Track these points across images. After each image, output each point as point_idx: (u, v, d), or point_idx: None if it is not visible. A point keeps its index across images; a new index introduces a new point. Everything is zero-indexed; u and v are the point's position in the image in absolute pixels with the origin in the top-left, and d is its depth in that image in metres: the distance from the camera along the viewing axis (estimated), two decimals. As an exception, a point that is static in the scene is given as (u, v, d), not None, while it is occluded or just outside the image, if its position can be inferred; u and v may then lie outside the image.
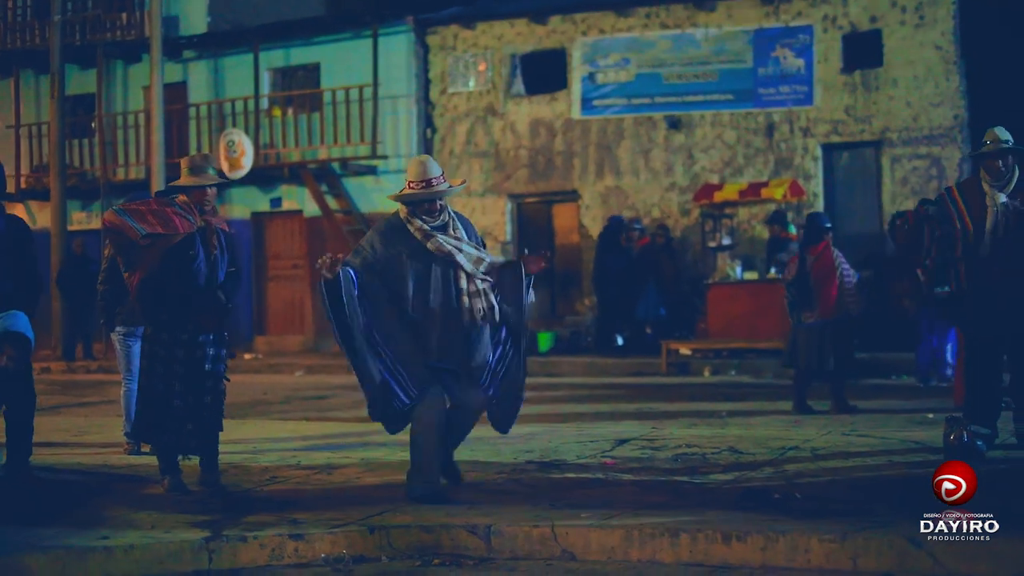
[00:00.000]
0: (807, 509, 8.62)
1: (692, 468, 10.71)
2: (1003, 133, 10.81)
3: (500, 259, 9.87)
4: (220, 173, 10.62)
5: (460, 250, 9.49)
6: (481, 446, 12.05)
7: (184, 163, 10.35)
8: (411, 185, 9.52)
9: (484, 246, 9.92)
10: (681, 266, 25.48)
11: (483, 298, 9.53)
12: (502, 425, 9.91)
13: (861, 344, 16.59)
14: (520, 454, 11.74)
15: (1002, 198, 10.62)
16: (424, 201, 9.49)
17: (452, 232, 9.57)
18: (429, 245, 9.46)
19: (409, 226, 9.55)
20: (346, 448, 12.67)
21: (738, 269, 23.75)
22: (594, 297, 26.19)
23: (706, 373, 21.55)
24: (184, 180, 10.20)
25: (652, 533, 8.21)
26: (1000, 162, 10.72)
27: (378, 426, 13.95)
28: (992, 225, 10.59)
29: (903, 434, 12.17)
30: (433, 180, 9.46)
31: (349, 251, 9.68)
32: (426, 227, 9.49)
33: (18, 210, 28.22)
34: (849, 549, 7.75)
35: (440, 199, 9.54)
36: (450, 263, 9.47)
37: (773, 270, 21.86)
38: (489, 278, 9.58)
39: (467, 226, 9.81)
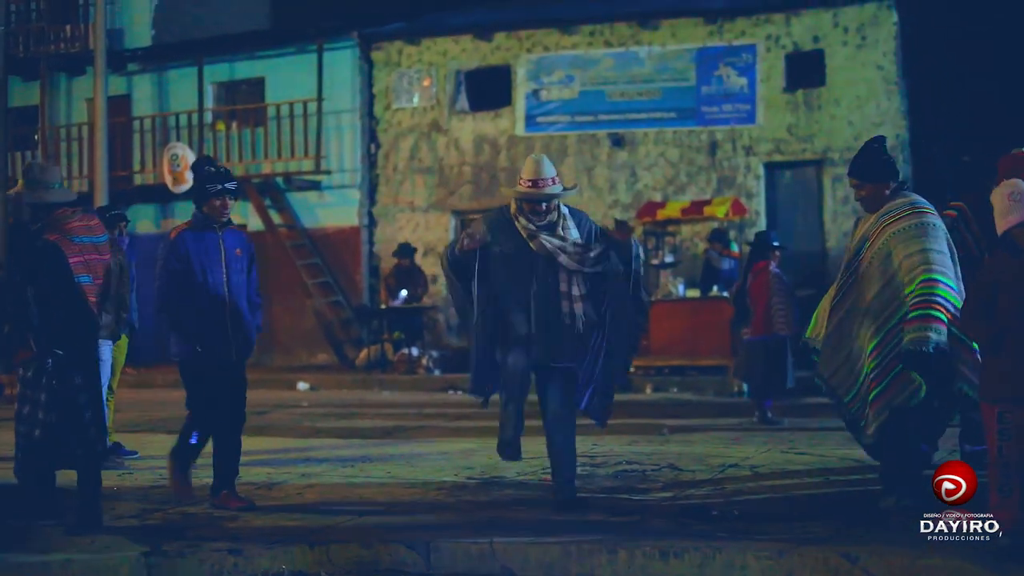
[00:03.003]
0: (745, 526, 8.69)
1: (632, 485, 10.78)
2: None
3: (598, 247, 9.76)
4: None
5: (563, 251, 9.51)
6: (421, 463, 12.08)
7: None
8: (521, 183, 9.60)
9: (600, 239, 9.80)
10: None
11: (583, 303, 9.61)
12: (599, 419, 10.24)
13: (801, 363, 16.72)
14: (460, 471, 11.77)
15: None
16: (531, 200, 9.54)
17: (560, 231, 9.58)
18: (532, 244, 9.53)
19: (516, 223, 9.62)
20: (287, 464, 12.67)
21: (680, 287, 23.79)
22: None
23: (648, 390, 21.59)
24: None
25: (591, 549, 8.26)
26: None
27: (319, 442, 14.02)
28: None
29: (842, 452, 12.25)
30: (540, 181, 9.50)
31: (295, 266, 10.00)
32: (531, 226, 9.55)
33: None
34: (785, 566, 7.83)
35: (547, 201, 9.55)
36: (552, 263, 9.53)
37: (716, 288, 21.95)
38: (598, 268, 9.64)
39: (581, 222, 9.81)
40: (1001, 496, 7.68)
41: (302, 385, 23.96)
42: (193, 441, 10.22)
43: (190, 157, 27.83)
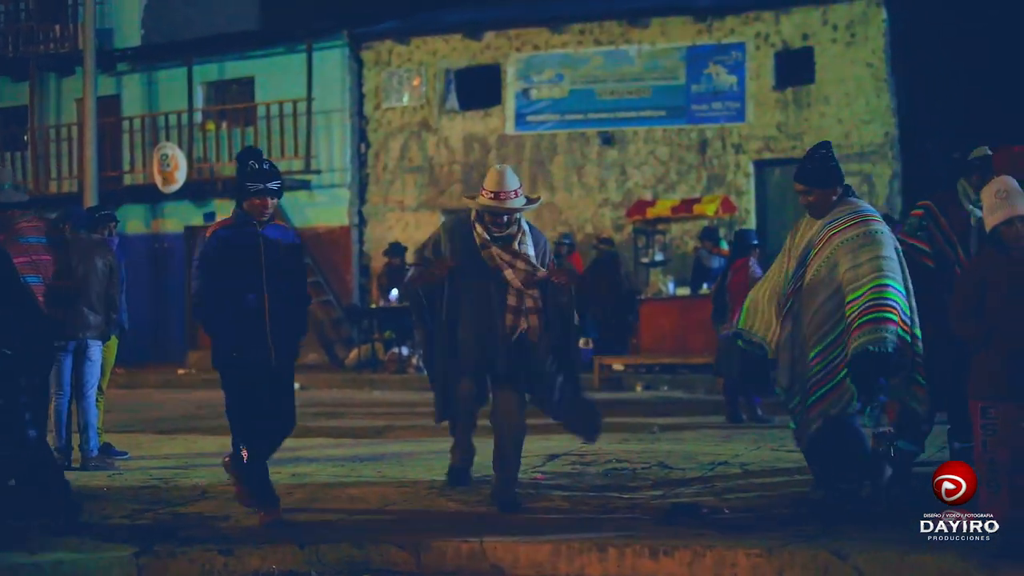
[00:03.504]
0: (734, 524, 8.71)
1: (622, 483, 10.78)
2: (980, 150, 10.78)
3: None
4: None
5: (511, 266, 9.48)
6: (411, 462, 12.08)
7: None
8: (484, 193, 9.52)
9: (548, 266, 9.81)
10: (614, 282, 25.55)
11: (527, 317, 9.55)
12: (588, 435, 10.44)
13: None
14: (435, 472, 11.77)
15: (977, 214, 10.57)
16: (492, 213, 9.50)
17: (516, 245, 9.55)
18: (483, 254, 9.51)
19: (474, 230, 9.60)
20: (277, 463, 12.58)
21: (670, 285, 23.82)
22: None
23: (638, 388, 21.61)
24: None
25: (580, 548, 8.26)
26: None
27: (309, 441, 14.02)
28: (971, 246, 10.52)
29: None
30: (502, 193, 9.43)
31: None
32: (486, 236, 9.52)
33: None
34: (775, 563, 7.84)
35: (505, 214, 9.50)
36: (500, 276, 9.51)
37: (706, 285, 21.96)
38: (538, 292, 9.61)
39: (538, 241, 9.77)
40: (989, 492, 7.71)
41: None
42: (241, 453, 9.46)
43: (180, 157, 27.85)
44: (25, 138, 31.27)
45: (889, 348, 8.47)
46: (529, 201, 9.69)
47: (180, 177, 28.09)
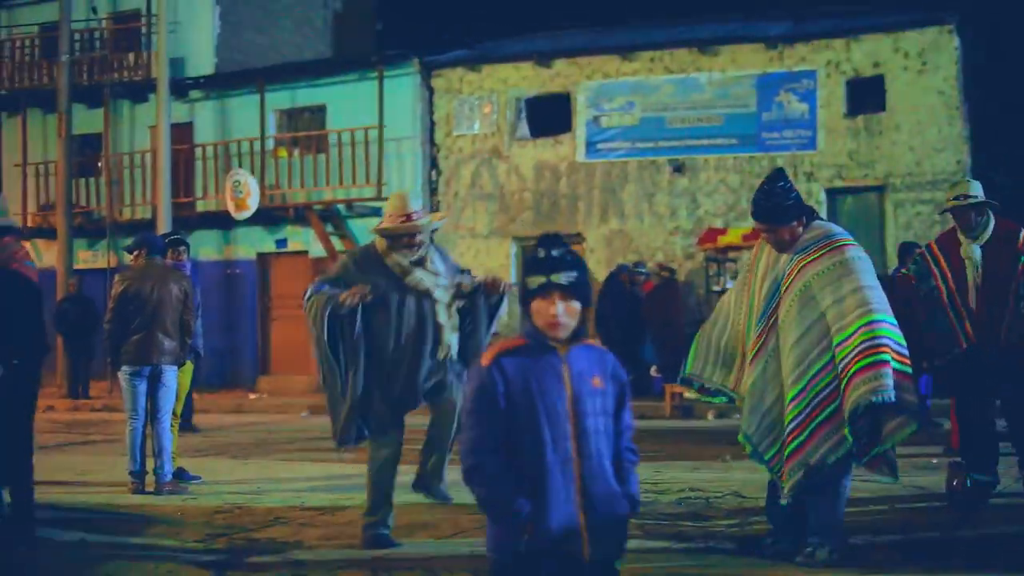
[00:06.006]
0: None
1: (695, 512, 10.74)
2: (962, 188, 10.84)
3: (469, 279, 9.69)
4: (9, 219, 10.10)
5: (438, 285, 9.38)
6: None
7: None
8: (390, 218, 9.37)
9: (461, 271, 9.80)
10: (685, 309, 25.47)
11: (455, 333, 9.48)
12: None
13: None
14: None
15: (975, 249, 10.64)
16: (404, 235, 9.33)
17: (428, 266, 9.44)
18: (408, 281, 9.32)
19: (387, 259, 9.39)
20: (350, 490, 12.67)
21: (742, 313, 23.70)
22: (598, 340, 26.16)
23: (710, 416, 21.51)
24: None
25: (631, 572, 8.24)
26: (972, 214, 10.72)
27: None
28: (972, 276, 10.61)
29: (906, 479, 12.18)
30: (413, 214, 9.33)
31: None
32: (404, 262, 9.34)
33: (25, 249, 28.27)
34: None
35: (420, 234, 9.38)
36: (426, 297, 9.35)
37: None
38: (463, 302, 9.51)
39: (444, 255, 9.74)
40: None
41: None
42: None
43: (252, 184, 28.00)
44: (99, 165, 31.51)
45: (892, 397, 7.85)
46: (435, 216, 9.70)
47: (252, 204, 28.23)
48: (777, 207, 8.39)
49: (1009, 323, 10.41)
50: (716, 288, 25.57)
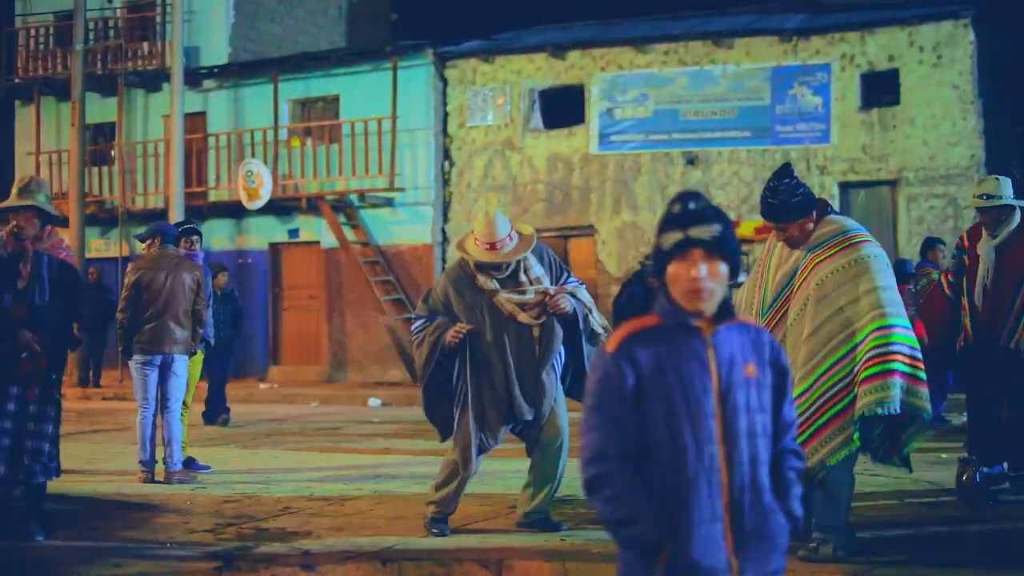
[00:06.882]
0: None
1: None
2: (989, 186, 10.72)
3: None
4: (47, 200, 9.90)
5: (523, 309, 9.21)
6: (493, 480, 12.06)
7: (14, 184, 9.90)
8: (477, 243, 9.22)
9: (565, 273, 9.64)
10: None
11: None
12: None
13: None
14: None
15: (990, 247, 10.55)
16: (490, 268, 9.23)
17: (522, 276, 9.30)
18: (494, 301, 9.23)
19: (476, 280, 9.31)
20: (359, 480, 12.70)
21: (754, 305, 23.69)
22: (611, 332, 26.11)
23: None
24: (8, 201, 9.75)
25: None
26: (995, 212, 10.62)
27: (392, 459, 14.04)
28: (982, 274, 10.55)
29: (916, 474, 12.15)
30: (498, 243, 9.15)
31: (368, 282, 9.42)
32: (491, 284, 9.24)
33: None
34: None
35: (506, 266, 9.22)
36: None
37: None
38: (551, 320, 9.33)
39: (542, 256, 9.56)
40: None
41: (373, 401, 24.03)
42: None
43: (265, 174, 28.01)
44: (113, 153, 31.52)
45: (896, 409, 7.77)
46: (521, 245, 9.32)
47: (265, 194, 28.24)
48: (784, 204, 8.27)
49: (1012, 327, 10.36)
50: (729, 281, 25.52)
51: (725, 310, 4.27)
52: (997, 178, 10.69)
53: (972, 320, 10.59)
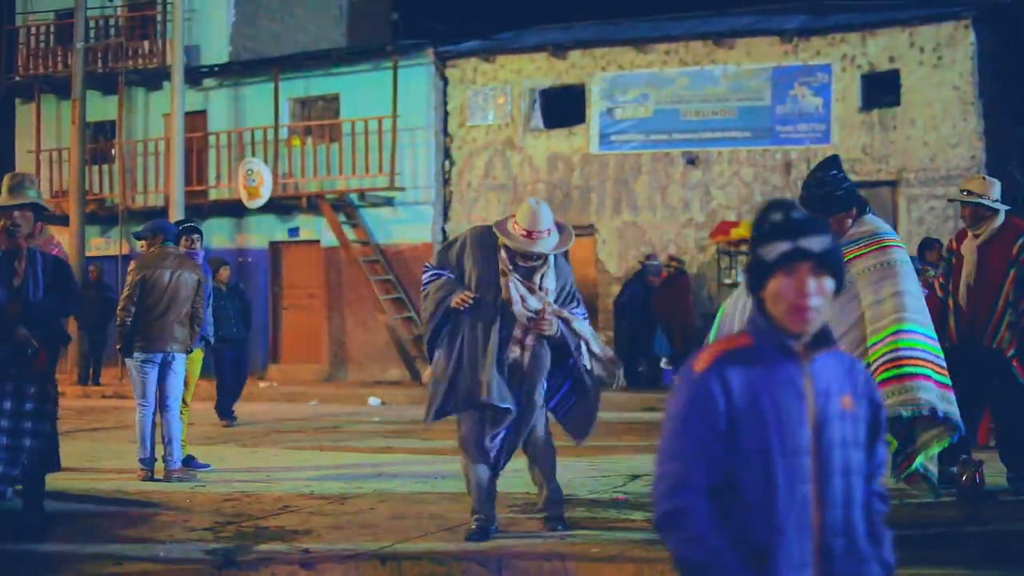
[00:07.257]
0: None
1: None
2: (973, 184, 10.73)
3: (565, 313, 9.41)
4: (39, 196, 9.94)
5: (522, 300, 9.14)
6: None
7: (4, 182, 9.83)
8: (516, 227, 9.16)
9: (575, 302, 9.53)
10: (696, 302, 25.46)
11: (526, 352, 9.27)
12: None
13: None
14: (532, 487, 11.74)
15: (973, 245, 10.57)
16: (522, 255, 9.15)
17: (535, 279, 9.22)
18: (501, 280, 9.18)
19: (498, 253, 9.25)
20: (359, 478, 12.70)
21: (753, 306, 23.67)
22: (611, 332, 26.17)
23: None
24: (2, 200, 9.70)
25: (663, 570, 8.21)
26: (971, 209, 10.65)
27: (392, 457, 14.04)
28: (966, 273, 10.56)
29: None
30: (535, 232, 9.05)
31: (368, 281, 9.44)
32: (509, 266, 9.18)
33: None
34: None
35: (538, 257, 9.16)
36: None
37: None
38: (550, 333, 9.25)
39: (560, 274, 9.44)
40: None
41: (373, 400, 24.02)
42: None
43: (265, 172, 28.02)
44: (113, 152, 31.50)
45: (926, 411, 7.86)
46: (560, 241, 9.24)
47: (265, 192, 28.22)
48: (829, 196, 8.33)
49: (995, 327, 10.37)
50: (727, 281, 25.54)
51: (824, 335, 3.82)
52: (985, 178, 10.77)
53: (956, 320, 10.60)
